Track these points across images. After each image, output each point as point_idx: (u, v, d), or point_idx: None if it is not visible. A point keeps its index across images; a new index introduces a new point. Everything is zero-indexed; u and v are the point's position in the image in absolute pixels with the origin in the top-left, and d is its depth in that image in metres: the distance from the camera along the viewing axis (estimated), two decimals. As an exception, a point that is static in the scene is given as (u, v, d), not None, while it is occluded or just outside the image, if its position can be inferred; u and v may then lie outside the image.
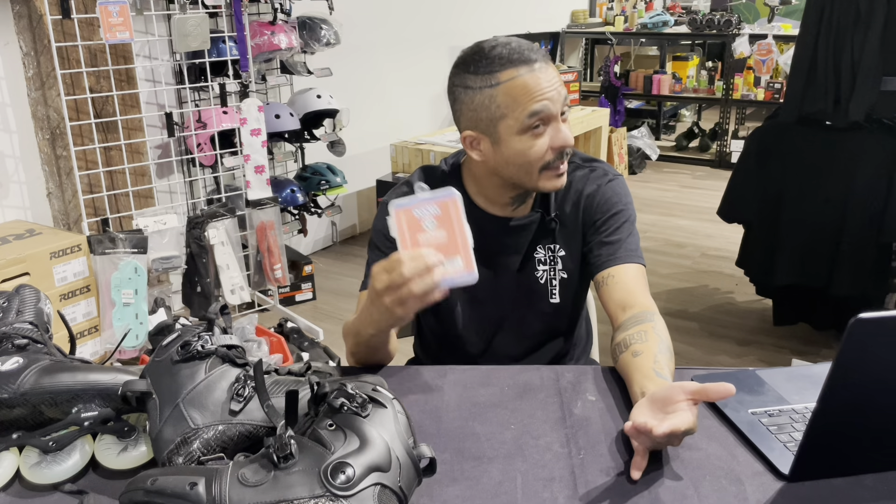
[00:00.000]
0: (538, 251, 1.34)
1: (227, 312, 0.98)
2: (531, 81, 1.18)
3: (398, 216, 0.98)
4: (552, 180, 1.24)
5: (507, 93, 1.19)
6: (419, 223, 0.96)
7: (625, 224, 1.31)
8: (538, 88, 1.18)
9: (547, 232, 1.33)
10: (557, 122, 1.20)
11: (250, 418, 0.86)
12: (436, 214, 0.96)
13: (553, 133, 1.20)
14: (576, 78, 4.83)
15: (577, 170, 1.35)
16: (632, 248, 1.29)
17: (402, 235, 0.97)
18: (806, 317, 2.95)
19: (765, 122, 2.83)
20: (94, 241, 2.40)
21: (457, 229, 0.94)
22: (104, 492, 0.87)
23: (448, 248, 0.93)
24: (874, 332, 0.78)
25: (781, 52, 5.03)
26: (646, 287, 1.26)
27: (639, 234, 1.33)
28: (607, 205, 1.32)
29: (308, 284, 3.47)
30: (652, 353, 1.06)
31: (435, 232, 0.95)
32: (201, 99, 3.07)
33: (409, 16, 4.44)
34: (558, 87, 1.20)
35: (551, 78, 1.19)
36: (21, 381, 0.89)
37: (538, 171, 1.22)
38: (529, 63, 1.19)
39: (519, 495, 0.86)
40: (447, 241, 0.93)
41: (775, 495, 0.86)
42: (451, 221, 0.94)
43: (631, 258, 1.28)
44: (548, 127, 1.20)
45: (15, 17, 2.59)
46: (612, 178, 1.35)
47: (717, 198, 2.99)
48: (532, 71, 1.19)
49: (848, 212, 2.56)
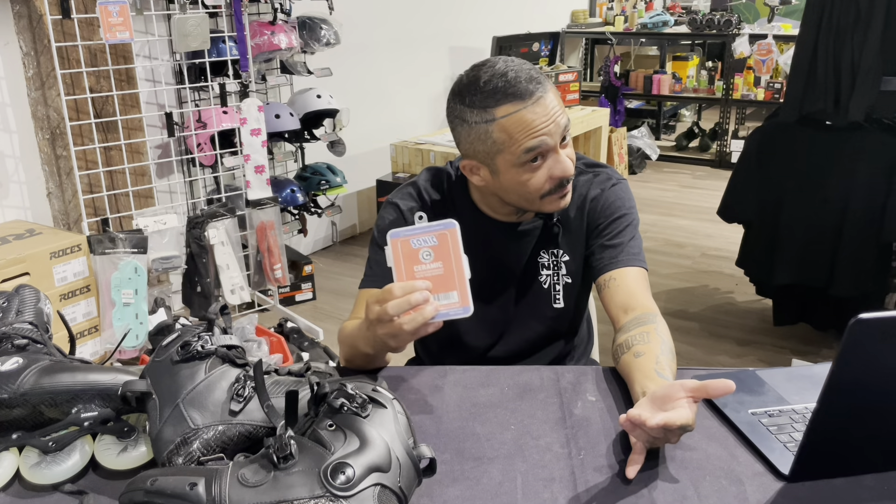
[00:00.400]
0: (542, 256, 1.34)
1: (227, 312, 0.98)
2: (528, 117, 1.16)
3: (395, 246, 0.97)
4: (555, 203, 1.23)
5: (502, 129, 1.16)
6: (416, 254, 0.95)
7: (627, 228, 1.30)
8: (534, 125, 1.15)
9: (550, 237, 1.33)
10: (556, 153, 1.18)
11: (250, 419, 0.86)
12: (433, 245, 0.95)
13: (552, 164, 1.18)
14: (576, 78, 4.83)
15: (581, 174, 1.34)
16: (634, 252, 1.29)
17: (398, 266, 0.97)
18: (806, 317, 2.95)
19: (765, 122, 2.83)
20: (94, 241, 2.40)
21: (454, 261, 0.93)
22: (104, 492, 0.87)
23: (444, 281, 0.92)
24: (874, 332, 0.78)
25: (781, 52, 5.03)
26: (647, 290, 1.26)
27: (642, 239, 1.33)
28: (610, 209, 1.31)
29: (308, 284, 3.47)
30: (654, 354, 1.06)
31: (431, 264, 0.94)
32: (201, 99, 3.07)
33: (409, 16, 4.44)
34: (557, 117, 1.17)
35: (549, 110, 1.16)
36: (21, 381, 0.89)
37: (539, 199, 1.22)
38: (524, 99, 1.15)
39: (519, 496, 0.86)
40: (443, 273, 0.93)
41: (775, 495, 0.86)
42: (449, 253, 0.94)
43: (633, 261, 1.27)
44: (546, 159, 1.19)
45: (15, 17, 2.58)
46: (615, 183, 1.34)
47: (717, 198, 2.99)
48: (527, 106, 1.16)
49: (848, 212, 2.56)
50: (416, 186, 1.35)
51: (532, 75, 1.17)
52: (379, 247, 1.31)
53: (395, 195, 1.36)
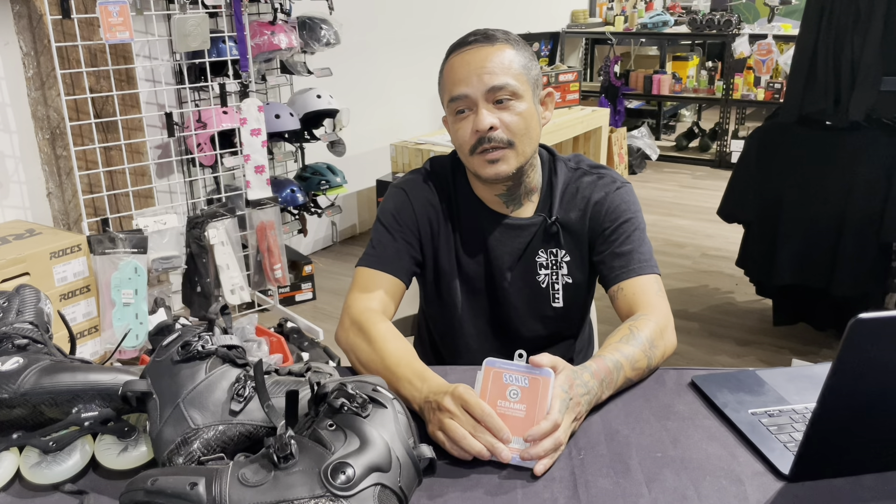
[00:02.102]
0: (540, 255, 1.33)
1: (227, 313, 0.98)
2: (456, 65, 1.21)
3: (487, 374, 0.97)
4: (483, 166, 1.24)
5: (444, 74, 1.24)
6: (504, 390, 0.95)
7: (635, 232, 1.30)
8: (458, 74, 1.20)
9: (549, 236, 1.32)
10: (479, 107, 1.20)
11: (250, 418, 0.86)
12: (523, 387, 0.95)
13: (475, 118, 1.20)
14: (576, 78, 4.83)
15: (585, 176, 1.34)
16: (645, 259, 1.28)
17: (483, 394, 0.96)
18: (806, 317, 2.95)
19: (765, 122, 2.83)
20: (94, 241, 2.40)
21: (538, 409, 0.93)
22: (104, 492, 0.87)
23: (521, 425, 0.92)
24: (874, 332, 0.78)
25: (781, 52, 5.03)
26: (659, 294, 1.25)
27: (650, 243, 1.32)
28: (615, 213, 1.30)
29: (308, 284, 3.47)
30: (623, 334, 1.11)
31: (515, 404, 0.94)
32: (201, 99, 3.07)
33: (409, 16, 4.44)
34: (488, 72, 1.18)
35: (482, 61, 1.19)
36: (21, 381, 0.89)
37: (469, 155, 1.24)
38: (464, 45, 1.20)
39: (519, 496, 0.86)
40: (524, 418, 0.92)
41: (775, 495, 0.86)
42: (536, 399, 0.93)
43: (644, 269, 1.27)
44: (472, 112, 1.21)
45: (15, 17, 2.58)
46: (620, 186, 1.33)
47: (717, 198, 2.99)
48: (462, 53, 1.20)
49: (848, 212, 2.56)
50: (420, 172, 1.37)
51: (493, 33, 1.22)
52: (384, 228, 1.32)
53: (401, 181, 1.38)
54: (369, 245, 1.33)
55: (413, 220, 1.32)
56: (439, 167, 1.37)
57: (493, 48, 1.20)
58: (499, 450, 0.88)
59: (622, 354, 1.07)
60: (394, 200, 1.34)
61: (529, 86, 1.23)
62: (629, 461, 0.92)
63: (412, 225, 1.32)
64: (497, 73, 1.19)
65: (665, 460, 0.92)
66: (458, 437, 0.90)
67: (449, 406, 0.92)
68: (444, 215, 1.34)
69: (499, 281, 1.34)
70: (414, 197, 1.33)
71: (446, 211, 1.34)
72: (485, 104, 1.19)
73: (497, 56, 1.19)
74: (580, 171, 1.34)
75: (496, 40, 1.21)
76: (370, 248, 1.32)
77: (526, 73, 1.23)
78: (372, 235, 1.34)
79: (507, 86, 1.19)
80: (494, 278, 1.34)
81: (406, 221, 1.32)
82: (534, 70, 1.25)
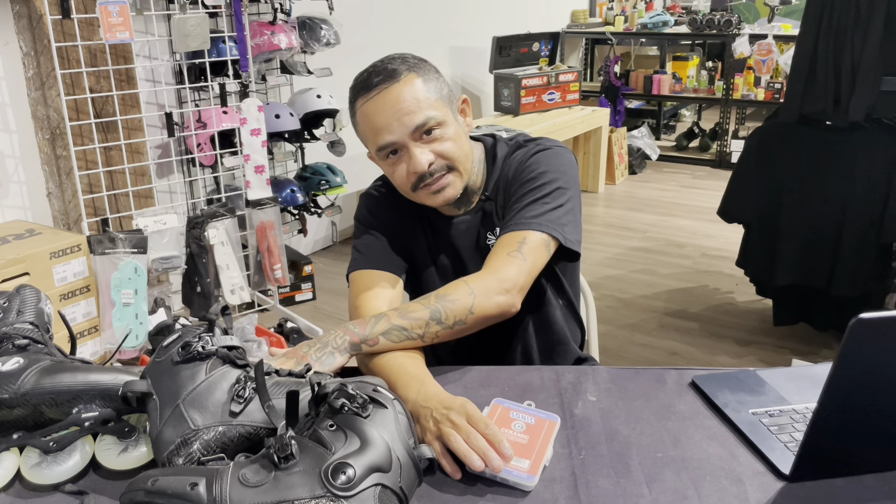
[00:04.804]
0: (489, 238, 1.32)
1: (227, 313, 0.98)
2: (371, 113, 1.19)
3: (494, 409, 1.00)
4: (430, 198, 1.24)
5: (360, 123, 1.23)
6: (510, 422, 0.97)
7: (534, 190, 1.22)
8: (378, 121, 1.18)
9: (487, 217, 1.32)
10: (408, 149, 1.19)
11: (251, 419, 0.86)
12: (528, 423, 0.97)
13: (408, 159, 1.20)
14: (576, 78, 4.83)
15: (518, 149, 1.32)
16: (532, 216, 1.19)
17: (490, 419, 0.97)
18: (806, 317, 2.95)
19: (765, 122, 2.83)
20: (94, 241, 2.40)
21: (540, 442, 0.93)
22: (104, 492, 0.87)
23: (523, 449, 0.92)
24: (874, 332, 0.78)
25: (781, 52, 5.03)
26: (516, 254, 1.15)
27: (566, 206, 1.22)
28: (523, 174, 1.26)
29: (308, 284, 3.47)
30: None
31: (519, 434, 0.94)
32: (201, 99, 3.07)
33: (408, 16, 4.44)
34: (410, 109, 1.16)
35: (395, 104, 1.17)
36: (22, 381, 0.89)
37: (412, 192, 1.24)
38: (369, 90, 1.18)
39: (519, 496, 0.86)
40: (526, 444, 0.93)
41: (776, 495, 0.86)
42: (540, 434, 0.94)
43: (521, 225, 1.19)
44: (402, 153, 1.20)
45: (15, 17, 2.58)
46: (542, 149, 1.28)
47: (717, 198, 2.99)
48: (371, 100, 1.19)
49: (848, 212, 2.56)
50: (384, 178, 1.39)
51: (394, 67, 1.19)
52: (365, 230, 1.34)
53: (370, 187, 1.42)
54: (354, 251, 1.33)
55: (392, 219, 1.35)
56: (385, 181, 1.39)
57: (400, 84, 1.18)
58: (491, 457, 0.87)
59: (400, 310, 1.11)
60: (367, 204, 1.38)
61: (447, 107, 1.23)
62: (629, 461, 0.92)
63: (392, 223, 1.34)
64: (415, 112, 1.17)
65: (665, 460, 0.92)
66: (457, 446, 0.88)
67: (454, 419, 0.91)
68: (411, 216, 1.36)
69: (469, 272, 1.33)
70: (387, 199, 1.36)
71: (413, 212, 1.36)
72: (414, 144, 1.19)
73: (407, 92, 1.17)
74: (514, 145, 1.33)
75: (399, 74, 1.18)
76: (356, 253, 1.32)
77: (439, 96, 1.21)
78: (354, 242, 1.35)
79: (429, 119, 1.18)
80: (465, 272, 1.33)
81: (385, 221, 1.34)
82: (444, 88, 1.24)
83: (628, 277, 3.62)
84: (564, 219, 1.22)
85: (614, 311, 3.22)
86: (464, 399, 0.95)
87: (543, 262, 1.20)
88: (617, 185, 5.24)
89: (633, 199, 4.91)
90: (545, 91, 4.66)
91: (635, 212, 4.61)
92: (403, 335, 1.10)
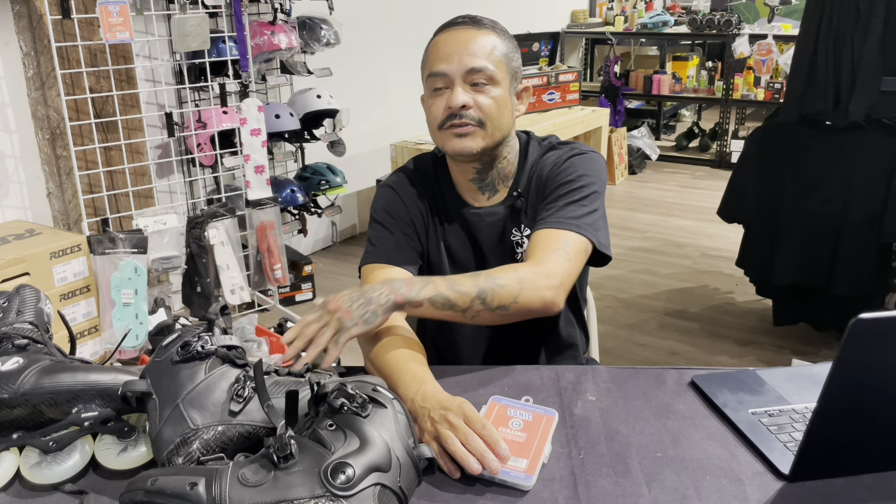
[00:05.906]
0: (514, 234, 1.33)
1: (227, 313, 0.98)
2: (440, 43, 1.23)
3: (492, 407, 1.00)
4: (450, 139, 1.25)
5: (427, 52, 1.26)
6: (507, 420, 0.97)
7: (571, 193, 1.23)
8: (443, 51, 1.22)
9: (516, 214, 1.32)
10: (455, 86, 1.21)
11: (250, 419, 0.86)
12: (526, 420, 0.97)
13: (450, 95, 1.22)
14: (576, 78, 4.83)
15: (551, 150, 1.33)
16: (570, 217, 1.20)
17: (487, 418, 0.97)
18: (806, 317, 2.95)
19: (765, 122, 2.83)
20: (94, 241, 2.40)
21: (538, 440, 0.93)
22: (104, 492, 0.87)
23: (520, 449, 0.92)
24: (874, 332, 0.78)
25: (781, 52, 5.03)
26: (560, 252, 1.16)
27: (602, 214, 1.25)
28: (560, 176, 1.27)
29: (308, 284, 3.47)
30: None
31: (517, 432, 0.94)
32: (201, 99, 3.07)
33: (409, 15, 4.44)
34: (474, 52, 1.20)
35: (465, 43, 1.21)
36: (21, 381, 0.89)
37: (438, 130, 1.25)
38: (452, 26, 1.23)
39: (518, 495, 0.86)
40: (524, 443, 0.93)
41: (775, 495, 0.86)
42: (537, 431, 0.94)
43: (560, 224, 1.20)
44: (448, 90, 1.23)
45: (15, 17, 2.58)
46: (577, 153, 1.30)
47: (717, 198, 2.99)
48: (447, 32, 1.23)
49: (848, 212, 2.56)
50: (405, 171, 1.39)
51: (481, 18, 1.25)
52: (379, 225, 1.33)
53: (388, 180, 1.40)
54: (368, 244, 1.33)
55: (406, 215, 1.34)
56: (422, 164, 1.39)
57: (478, 32, 1.23)
58: (488, 459, 0.87)
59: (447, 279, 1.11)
60: (384, 198, 1.36)
61: (507, 74, 1.25)
62: (629, 461, 0.92)
63: (406, 218, 1.34)
64: (478, 56, 1.21)
65: (665, 460, 0.92)
66: (454, 448, 0.88)
67: (452, 419, 0.91)
68: (429, 211, 1.36)
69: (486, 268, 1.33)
70: (403, 193, 1.35)
71: (431, 207, 1.36)
72: (461, 84, 1.21)
73: (480, 40, 1.22)
74: (547, 146, 1.34)
75: (483, 26, 1.24)
76: (370, 246, 1.32)
77: (506, 62, 1.25)
78: (369, 235, 1.35)
79: (486, 69, 1.21)
80: (483, 267, 1.33)
81: (400, 216, 1.34)
82: (514, 61, 1.27)
83: (628, 277, 3.62)
84: (598, 223, 1.24)
85: (614, 311, 3.22)
86: (462, 399, 0.94)
87: (581, 266, 1.21)
88: (617, 185, 5.24)
89: (632, 199, 4.91)
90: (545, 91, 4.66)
91: (635, 212, 4.61)
92: (448, 306, 1.10)
